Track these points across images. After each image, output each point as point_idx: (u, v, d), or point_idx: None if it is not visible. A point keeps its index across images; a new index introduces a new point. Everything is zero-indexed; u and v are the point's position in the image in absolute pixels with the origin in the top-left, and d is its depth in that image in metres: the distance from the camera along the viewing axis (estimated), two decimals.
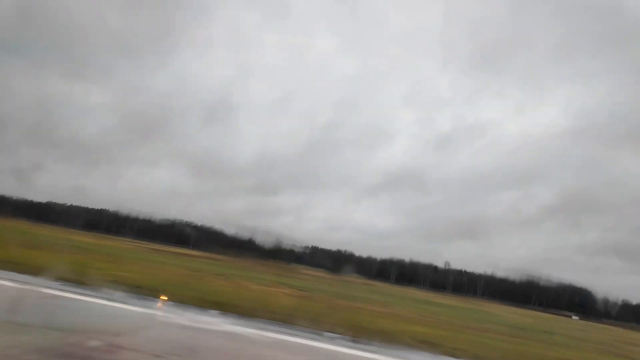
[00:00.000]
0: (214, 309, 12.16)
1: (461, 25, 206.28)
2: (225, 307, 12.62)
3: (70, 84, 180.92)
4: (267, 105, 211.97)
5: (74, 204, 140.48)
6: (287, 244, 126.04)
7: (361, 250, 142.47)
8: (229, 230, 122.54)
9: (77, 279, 12.86)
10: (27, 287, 10.79)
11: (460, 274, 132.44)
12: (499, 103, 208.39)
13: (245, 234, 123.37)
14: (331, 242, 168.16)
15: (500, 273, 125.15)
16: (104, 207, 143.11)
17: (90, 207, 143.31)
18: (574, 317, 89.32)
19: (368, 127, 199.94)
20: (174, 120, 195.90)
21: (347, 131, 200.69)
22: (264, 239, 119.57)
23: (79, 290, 11.68)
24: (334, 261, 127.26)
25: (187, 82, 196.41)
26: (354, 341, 10.59)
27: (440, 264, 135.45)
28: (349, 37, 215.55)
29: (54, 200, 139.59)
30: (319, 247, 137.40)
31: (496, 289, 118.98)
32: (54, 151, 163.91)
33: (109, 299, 10.98)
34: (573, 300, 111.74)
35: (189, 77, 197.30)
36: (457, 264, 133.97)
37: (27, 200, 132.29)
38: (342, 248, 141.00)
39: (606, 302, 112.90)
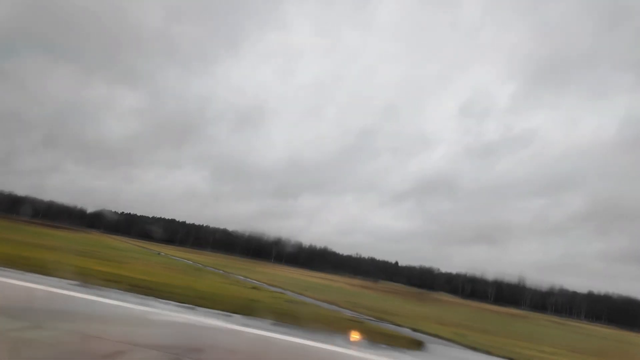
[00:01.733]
0: None
1: (520, 34, 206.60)
2: None
3: (114, 89, 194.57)
4: (307, 111, 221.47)
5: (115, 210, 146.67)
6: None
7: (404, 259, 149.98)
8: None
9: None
10: None
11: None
12: (551, 113, 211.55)
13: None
14: (383, 252, 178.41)
15: None
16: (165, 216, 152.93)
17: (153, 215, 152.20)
18: None
19: (410, 134, 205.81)
20: (214, 125, 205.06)
21: (388, 138, 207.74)
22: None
23: None
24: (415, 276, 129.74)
25: (227, 88, 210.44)
26: None
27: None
28: (399, 44, 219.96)
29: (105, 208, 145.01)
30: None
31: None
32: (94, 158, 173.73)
33: None
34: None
35: (229, 82, 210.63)
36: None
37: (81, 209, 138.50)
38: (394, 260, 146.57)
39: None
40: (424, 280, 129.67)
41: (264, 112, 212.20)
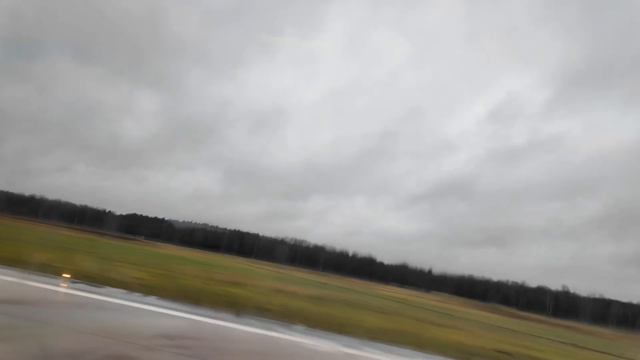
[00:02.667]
0: None
1: (556, 38, 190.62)
2: None
3: (139, 91, 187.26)
4: (328, 114, 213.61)
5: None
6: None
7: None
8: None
9: None
10: None
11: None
12: (581, 118, 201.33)
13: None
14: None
15: None
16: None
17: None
18: None
19: (433, 137, 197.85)
20: (234, 128, 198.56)
21: (409, 141, 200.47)
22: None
23: None
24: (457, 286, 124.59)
25: (248, 91, 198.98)
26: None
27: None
28: (428, 47, 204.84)
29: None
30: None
31: None
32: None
33: None
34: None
35: (251, 85, 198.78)
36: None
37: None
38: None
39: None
40: (465, 288, 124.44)
41: (283, 115, 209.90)
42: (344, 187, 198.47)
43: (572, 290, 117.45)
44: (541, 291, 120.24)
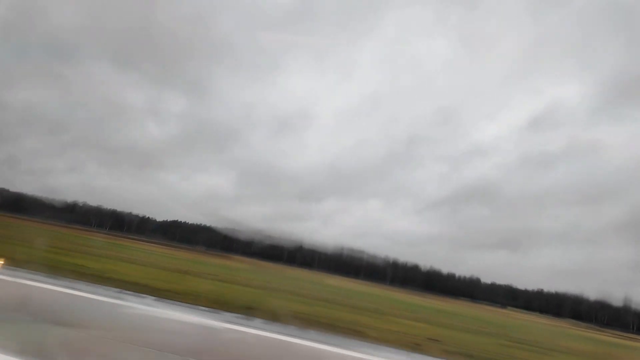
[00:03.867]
0: None
1: (601, 45, 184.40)
2: None
3: (170, 95, 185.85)
4: (358, 118, 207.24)
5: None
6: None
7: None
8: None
9: None
10: None
11: None
12: (621, 125, 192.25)
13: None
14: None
15: None
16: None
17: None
18: None
19: (465, 142, 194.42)
20: (256, 131, 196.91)
21: (439, 146, 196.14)
22: None
23: None
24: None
25: (275, 93, 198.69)
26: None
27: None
28: (466, 50, 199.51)
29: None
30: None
31: None
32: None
33: None
34: None
35: (280, 88, 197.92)
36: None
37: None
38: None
39: None
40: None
41: (308, 119, 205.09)
42: (360, 190, 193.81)
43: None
44: None
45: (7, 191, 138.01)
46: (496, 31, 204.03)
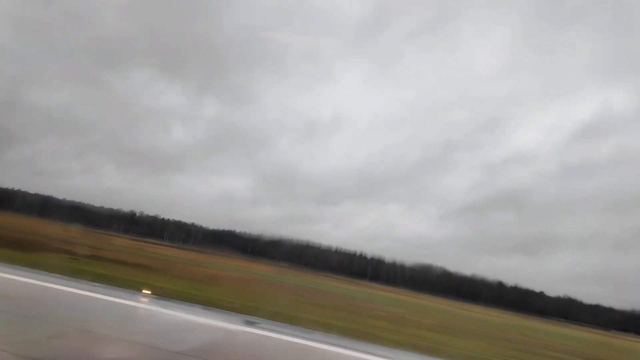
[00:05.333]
0: None
1: None
2: None
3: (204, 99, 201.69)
4: (391, 124, 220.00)
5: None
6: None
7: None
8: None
9: None
10: None
11: None
12: None
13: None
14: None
15: None
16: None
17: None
18: None
19: (504, 149, 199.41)
20: (284, 135, 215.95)
21: (476, 152, 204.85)
22: None
23: None
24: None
25: (306, 97, 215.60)
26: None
27: None
28: (510, 58, 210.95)
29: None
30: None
31: None
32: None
33: None
34: None
35: (311, 92, 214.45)
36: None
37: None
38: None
39: None
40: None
41: (338, 124, 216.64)
42: (381, 195, 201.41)
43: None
44: None
45: (64, 200, 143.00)
46: (543, 40, 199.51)
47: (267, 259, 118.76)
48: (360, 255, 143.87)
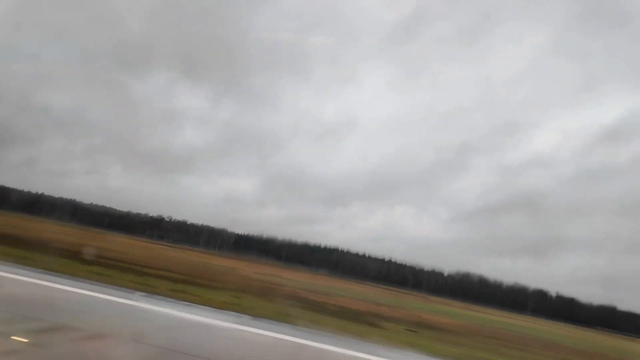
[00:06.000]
0: None
1: None
2: None
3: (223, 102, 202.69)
4: (408, 127, 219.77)
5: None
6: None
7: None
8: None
9: None
10: None
11: None
12: None
13: None
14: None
15: None
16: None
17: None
18: None
19: (522, 152, 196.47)
20: (298, 137, 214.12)
21: (493, 155, 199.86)
22: None
23: None
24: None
25: (324, 101, 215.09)
26: None
27: None
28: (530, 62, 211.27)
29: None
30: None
31: None
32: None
33: None
34: None
35: (329, 95, 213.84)
36: None
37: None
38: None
39: None
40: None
41: (354, 127, 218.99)
42: (391, 197, 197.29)
43: None
44: None
45: (96, 205, 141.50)
46: (572, 45, 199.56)
47: (303, 265, 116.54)
48: (390, 260, 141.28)
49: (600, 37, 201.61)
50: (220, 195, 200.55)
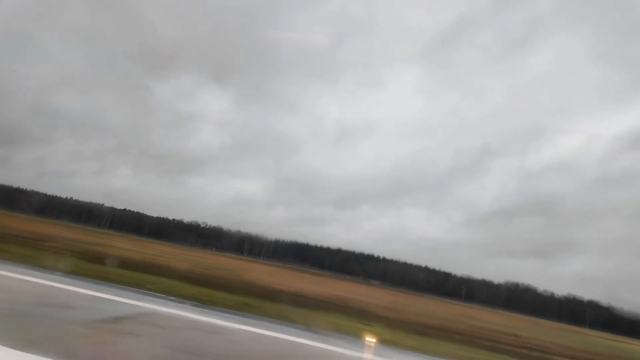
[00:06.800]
0: None
1: None
2: None
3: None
4: (425, 130, 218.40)
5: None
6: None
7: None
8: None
9: None
10: None
11: None
12: None
13: None
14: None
15: None
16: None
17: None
18: None
19: (542, 157, 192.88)
20: (314, 140, 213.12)
21: (510, 160, 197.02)
22: None
23: None
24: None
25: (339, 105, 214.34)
26: None
27: None
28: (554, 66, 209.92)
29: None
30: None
31: None
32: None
33: None
34: None
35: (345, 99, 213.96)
36: None
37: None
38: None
39: None
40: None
41: (370, 129, 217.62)
42: (401, 199, 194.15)
43: None
44: None
45: (125, 211, 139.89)
46: (594, 50, 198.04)
47: (350, 275, 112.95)
48: (433, 270, 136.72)
49: (627, 43, 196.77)
50: (229, 196, 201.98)
